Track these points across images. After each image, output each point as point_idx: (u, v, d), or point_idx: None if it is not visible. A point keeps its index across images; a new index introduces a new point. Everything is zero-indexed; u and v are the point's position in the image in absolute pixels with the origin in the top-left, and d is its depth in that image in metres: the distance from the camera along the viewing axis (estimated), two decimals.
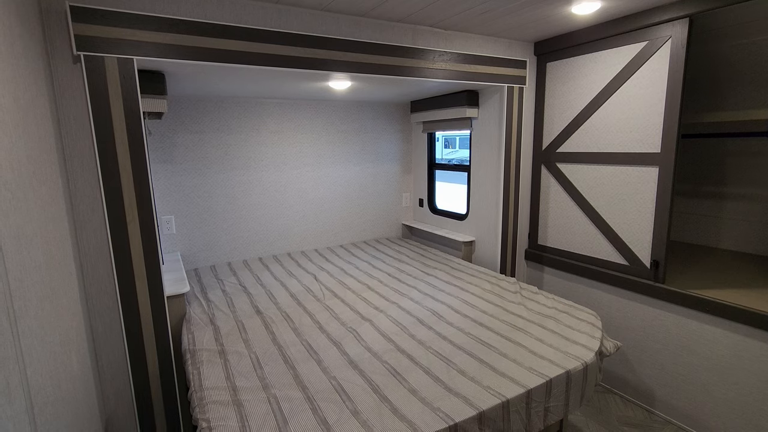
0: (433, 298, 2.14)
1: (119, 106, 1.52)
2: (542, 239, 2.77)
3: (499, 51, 2.44)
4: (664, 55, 1.98)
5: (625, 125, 2.19)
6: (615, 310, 2.37)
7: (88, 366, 1.48)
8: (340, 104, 3.09)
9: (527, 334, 1.74)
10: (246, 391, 1.37)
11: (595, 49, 2.29)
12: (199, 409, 1.30)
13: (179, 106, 2.53)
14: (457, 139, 18.01)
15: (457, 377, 1.43)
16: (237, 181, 2.78)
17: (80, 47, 1.43)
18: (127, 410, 1.70)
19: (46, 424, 0.97)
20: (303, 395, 1.34)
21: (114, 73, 1.49)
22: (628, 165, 2.20)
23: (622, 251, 2.28)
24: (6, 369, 0.78)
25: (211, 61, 1.67)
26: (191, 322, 1.88)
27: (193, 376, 1.49)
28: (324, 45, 1.88)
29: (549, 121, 2.62)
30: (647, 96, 2.08)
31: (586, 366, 1.52)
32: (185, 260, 2.66)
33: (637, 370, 2.29)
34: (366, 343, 1.68)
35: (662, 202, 2.06)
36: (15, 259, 0.89)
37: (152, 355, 1.69)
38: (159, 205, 2.55)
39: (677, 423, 2.12)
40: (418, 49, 2.13)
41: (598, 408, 2.26)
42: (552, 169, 2.63)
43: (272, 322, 1.88)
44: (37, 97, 1.24)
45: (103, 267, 1.59)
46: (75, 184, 1.53)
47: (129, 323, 1.63)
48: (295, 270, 2.63)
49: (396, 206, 3.51)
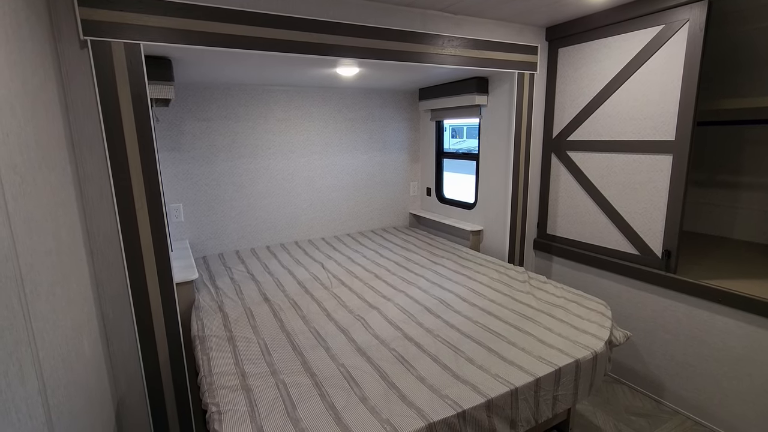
0: (440, 286, 2.14)
1: (126, 92, 1.51)
2: (551, 229, 2.74)
3: (510, 36, 2.38)
4: (680, 39, 1.93)
5: (639, 112, 2.14)
6: (625, 300, 2.35)
7: (99, 351, 1.50)
8: (347, 92, 3.06)
9: (536, 323, 1.73)
10: (255, 377, 1.38)
11: (609, 33, 2.23)
12: (208, 394, 1.31)
13: (186, 94, 2.52)
14: (464, 129, 17.85)
15: (465, 365, 1.43)
16: (244, 169, 2.78)
17: (87, 32, 1.42)
18: (138, 394, 1.72)
19: (59, 406, 0.98)
20: (311, 381, 1.35)
21: (121, 58, 1.48)
22: (641, 153, 2.16)
23: (633, 241, 2.24)
24: (18, 351, 0.79)
25: (217, 46, 1.65)
26: (200, 308, 1.89)
27: (202, 361, 1.50)
28: (332, 30, 1.85)
29: (560, 108, 2.57)
30: (662, 82, 2.03)
31: (595, 355, 1.51)
32: (194, 248, 2.68)
33: (647, 361, 2.27)
34: (374, 330, 1.68)
35: (675, 192, 2.02)
36: (26, 243, 0.90)
37: (162, 340, 1.71)
38: (167, 193, 2.56)
39: (686, 413, 2.11)
40: (428, 34, 2.09)
41: (606, 398, 2.26)
42: (562, 157, 2.59)
43: (280, 310, 1.88)
44: (45, 82, 1.24)
45: (113, 254, 1.60)
46: (84, 170, 1.53)
47: (139, 309, 1.64)
48: (303, 258, 2.63)
49: (403, 195, 3.49)
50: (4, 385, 0.71)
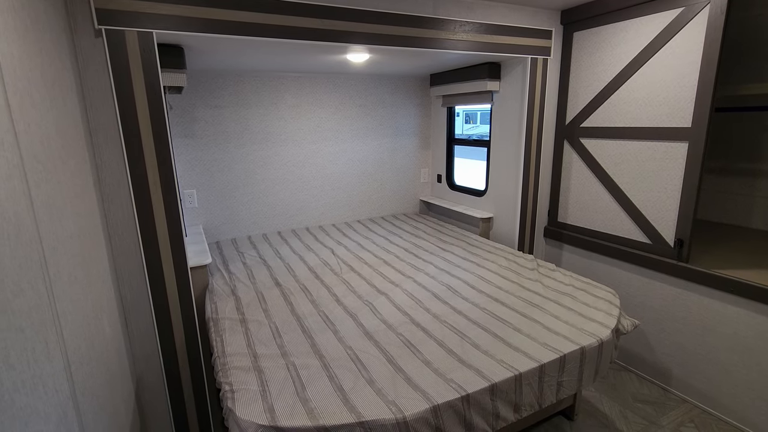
0: (449, 273, 2.16)
1: (140, 80, 1.54)
2: (562, 216, 2.73)
3: (524, 20, 2.34)
4: (700, 22, 1.87)
5: (655, 98, 2.10)
6: (635, 289, 2.34)
7: (119, 331, 1.57)
8: (358, 78, 3.05)
9: (543, 310, 1.74)
10: (266, 358, 1.43)
11: (626, 17, 2.17)
12: (222, 374, 1.37)
13: (198, 81, 2.55)
14: (478, 114, 17.60)
15: (471, 350, 1.45)
16: (256, 155, 2.81)
17: (101, 21, 1.44)
18: (155, 372, 1.80)
19: (83, 382, 1.04)
20: (320, 363, 1.39)
21: (134, 46, 1.51)
22: (656, 140, 2.12)
23: (645, 229, 2.22)
24: (44, 330, 0.84)
25: (228, 33, 1.66)
26: (214, 292, 1.95)
27: (216, 342, 1.56)
28: (342, 16, 1.84)
29: (573, 94, 2.52)
30: (680, 67, 1.97)
31: (601, 343, 1.52)
32: (207, 233, 2.74)
33: (655, 349, 2.27)
34: (382, 315, 1.71)
35: (690, 179, 1.99)
36: (48, 228, 0.94)
37: (178, 322, 1.78)
38: (181, 180, 2.61)
39: (693, 401, 2.11)
40: (439, 19, 2.06)
41: (612, 385, 2.27)
42: (575, 144, 2.56)
43: (291, 294, 1.93)
44: (62, 71, 1.27)
45: (130, 238, 1.65)
46: (101, 157, 1.57)
47: (155, 292, 1.70)
48: (313, 244, 2.67)
49: (414, 182, 3.49)
50: (32, 361, 0.76)
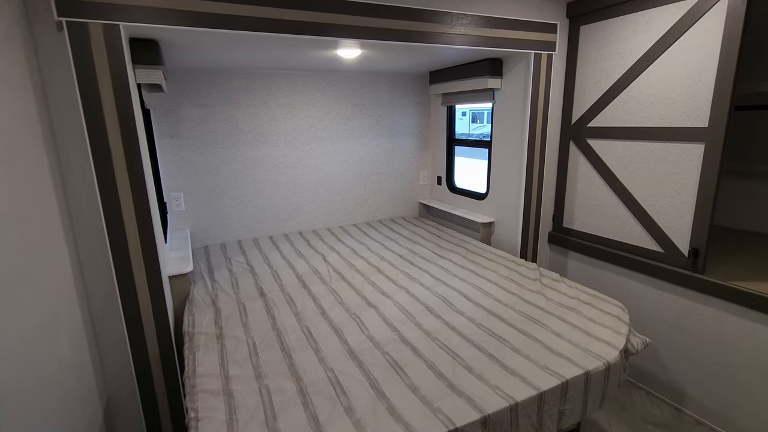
0: (444, 283, 2.02)
1: (107, 77, 1.42)
2: (568, 222, 2.57)
3: (527, 13, 2.19)
4: (719, 12, 1.71)
5: (668, 96, 1.94)
6: (645, 301, 2.18)
7: (83, 347, 1.45)
8: (353, 75, 2.91)
9: (544, 327, 1.60)
10: (238, 381, 1.30)
11: (638, 8, 2.01)
12: (189, 397, 1.25)
13: (184, 79, 2.43)
14: (485, 113, 17.39)
15: (463, 374, 1.32)
16: (246, 156, 2.70)
17: (61, 12, 1.32)
18: (129, 390, 1.68)
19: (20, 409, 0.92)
20: (296, 387, 1.27)
21: (99, 41, 1.39)
22: (669, 141, 1.96)
23: (657, 237, 2.06)
24: None
25: (207, 26, 1.54)
26: (194, 302, 1.84)
27: (188, 360, 1.44)
28: (330, 8, 1.71)
29: (580, 92, 2.37)
30: (696, 62, 1.82)
31: (608, 366, 1.37)
32: (196, 238, 2.63)
33: (668, 366, 2.11)
34: (368, 331, 1.58)
35: (707, 183, 1.83)
36: None
37: (152, 336, 1.66)
38: (167, 182, 2.50)
39: (709, 424, 1.95)
40: (434, 11, 1.92)
41: (621, 404, 2.12)
42: (581, 145, 2.40)
43: (274, 306, 1.81)
44: (12, 65, 1.16)
45: (100, 248, 1.54)
46: (67, 159, 1.46)
47: (127, 305, 1.58)
48: (305, 250, 2.55)
49: (413, 184, 3.35)
50: None
